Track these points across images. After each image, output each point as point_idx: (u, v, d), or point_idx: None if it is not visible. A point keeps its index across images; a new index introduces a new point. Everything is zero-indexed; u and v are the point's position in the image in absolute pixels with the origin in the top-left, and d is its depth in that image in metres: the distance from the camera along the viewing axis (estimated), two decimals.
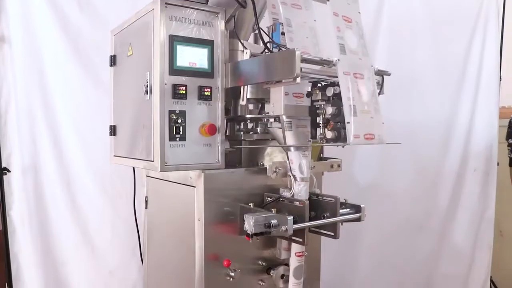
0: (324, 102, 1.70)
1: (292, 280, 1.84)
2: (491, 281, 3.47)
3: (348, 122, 1.53)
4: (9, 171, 2.57)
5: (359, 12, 1.75)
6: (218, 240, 1.80)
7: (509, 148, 3.55)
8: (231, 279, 1.82)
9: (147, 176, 2.21)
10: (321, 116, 1.70)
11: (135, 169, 2.33)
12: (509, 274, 3.74)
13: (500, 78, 3.32)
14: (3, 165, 2.55)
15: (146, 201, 2.24)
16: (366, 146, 2.93)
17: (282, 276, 1.94)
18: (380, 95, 1.79)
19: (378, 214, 2.86)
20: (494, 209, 3.38)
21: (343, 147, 1.66)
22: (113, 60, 2.11)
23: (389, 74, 1.87)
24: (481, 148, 3.31)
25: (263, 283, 1.94)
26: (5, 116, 2.61)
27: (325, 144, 1.67)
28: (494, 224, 3.43)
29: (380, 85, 1.85)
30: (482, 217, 3.37)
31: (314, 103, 1.73)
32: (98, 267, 2.78)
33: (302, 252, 1.81)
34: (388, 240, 3.23)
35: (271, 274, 1.93)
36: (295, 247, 1.81)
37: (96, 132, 2.59)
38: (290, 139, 1.73)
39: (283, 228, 1.60)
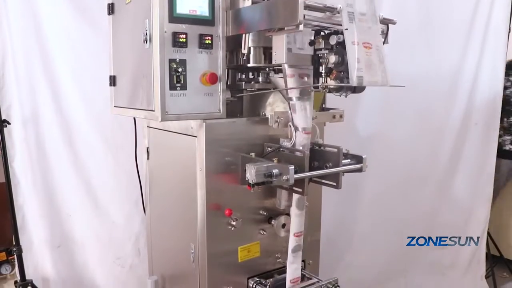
0: (327, 51, 1.66)
1: (294, 210, 1.83)
2: (488, 233, 3.52)
3: (346, 29, 1.48)
4: (9, 123, 2.55)
5: None
6: (220, 190, 1.82)
7: None
8: (232, 228, 1.85)
9: (148, 126, 2.20)
10: (323, 65, 1.67)
11: (136, 119, 2.32)
12: (505, 227, 3.81)
13: (509, 30, 3.24)
14: (3, 117, 2.53)
15: (148, 152, 2.24)
16: (369, 97, 2.90)
17: (283, 226, 1.97)
18: (384, 44, 1.75)
19: (380, 165, 2.86)
20: (494, 163, 3.38)
21: (346, 96, 1.64)
22: (111, 8, 2.05)
23: (394, 23, 1.82)
24: (485, 101, 3.27)
25: (264, 233, 1.97)
26: (3, 68, 2.57)
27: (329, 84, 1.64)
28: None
29: (385, 34, 1.80)
30: (482, 170, 3.37)
31: (317, 52, 1.70)
32: (101, 217, 2.82)
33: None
34: (388, 191, 3.25)
35: (272, 224, 1.96)
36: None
37: (96, 83, 2.55)
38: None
39: (284, 177, 1.61)
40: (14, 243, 2.60)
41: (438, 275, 3.43)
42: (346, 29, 1.49)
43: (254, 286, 1.95)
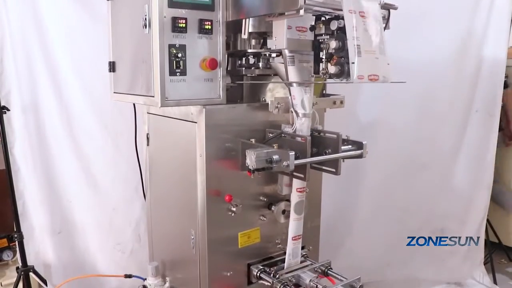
0: (328, 37, 1.65)
1: (293, 215, 1.87)
2: (487, 220, 3.53)
3: (353, 63, 1.49)
4: (8, 109, 2.54)
5: None
6: (220, 176, 1.82)
7: None
8: (232, 214, 1.86)
9: (148, 113, 2.20)
10: (324, 51, 1.66)
11: (136, 105, 2.32)
12: (504, 215, 3.82)
13: None
14: (2, 103, 2.52)
15: (148, 138, 2.24)
16: (369, 84, 2.88)
17: (283, 212, 1.98)
18: (385, 30, 1.73)
19: (380, 152, 2.86)
20: (495, 151, 3.36)
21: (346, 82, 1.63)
22: None
23: (396, 8, 1.80)
24: (486, 89, 3.25)
25: (264, 218, 1.98)
26: (1, 53, 2.55)
27: (328, 81, 1.63)
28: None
29: (386, 19, 1.79)
30: (483, 158, 3.36)
31: (318, 37, 1.69)
32: (102, 204, 2.82)
33: (303, 187, 1.83)
34: (389, 178, 3.25)
35: (272, 210, 1.97)
36: (296, 183, 1.82)
37: (95, 69, 2.53)
38: (292, 74, 1.70)
39: (284, 163, 1.61)
40: (15, 230, 2.61)
41: (438, 261, 3.45)
42: (353, 63, 1.48)
43: (258, 274, 1.95)
